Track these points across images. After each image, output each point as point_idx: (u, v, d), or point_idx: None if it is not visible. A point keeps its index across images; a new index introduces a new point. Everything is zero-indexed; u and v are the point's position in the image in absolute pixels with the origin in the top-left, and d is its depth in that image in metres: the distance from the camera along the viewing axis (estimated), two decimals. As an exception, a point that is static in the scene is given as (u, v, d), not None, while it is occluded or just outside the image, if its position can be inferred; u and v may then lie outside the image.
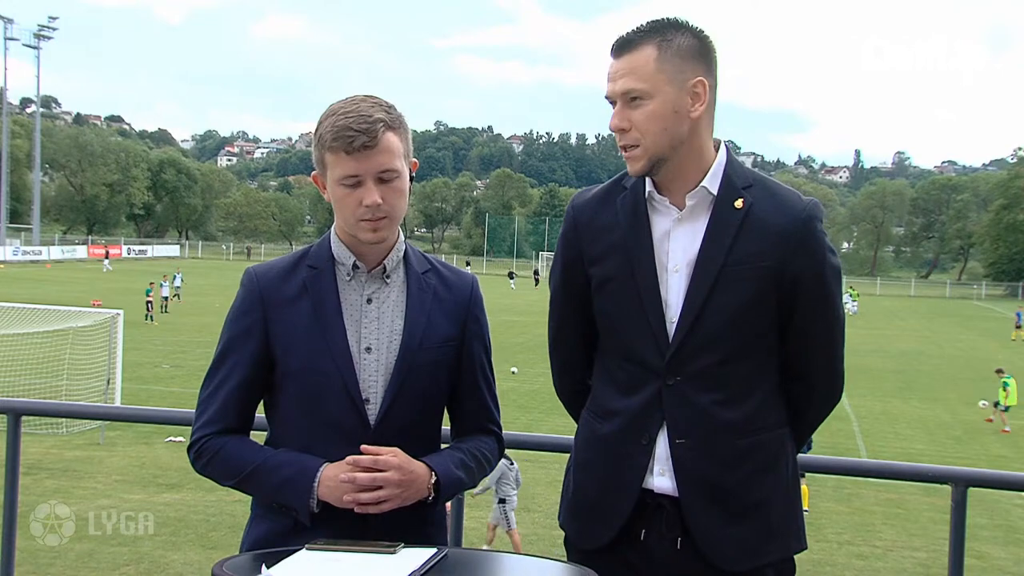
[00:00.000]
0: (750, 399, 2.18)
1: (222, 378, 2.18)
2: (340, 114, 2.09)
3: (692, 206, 2.17)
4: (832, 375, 2.29)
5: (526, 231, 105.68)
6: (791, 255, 2.14)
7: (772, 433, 2.22)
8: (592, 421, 2.31)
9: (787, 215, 2.16)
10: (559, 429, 18.29)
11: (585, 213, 2.28)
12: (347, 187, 2.09)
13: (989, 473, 3.91)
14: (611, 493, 2.22)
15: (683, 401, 2.16)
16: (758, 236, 2.14)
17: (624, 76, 2.11)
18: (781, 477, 2.23)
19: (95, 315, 19.01)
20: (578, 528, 2.31)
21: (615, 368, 2.25)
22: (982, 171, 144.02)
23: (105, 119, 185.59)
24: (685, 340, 2.15)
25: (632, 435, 2.20)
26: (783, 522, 2.23)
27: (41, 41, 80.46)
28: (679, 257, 2.17)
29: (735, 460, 2.17)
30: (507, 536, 11.38)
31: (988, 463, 16.84)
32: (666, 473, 2.18)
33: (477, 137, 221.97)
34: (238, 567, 1.88)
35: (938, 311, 58.64)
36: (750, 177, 2.20)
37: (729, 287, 2.13)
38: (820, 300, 2.20)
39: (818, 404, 2.32)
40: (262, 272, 2.22)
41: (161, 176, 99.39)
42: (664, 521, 2.18)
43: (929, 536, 12.33)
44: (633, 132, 2.12)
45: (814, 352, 2.25)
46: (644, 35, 2.11)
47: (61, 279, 50.12)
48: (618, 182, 2.28)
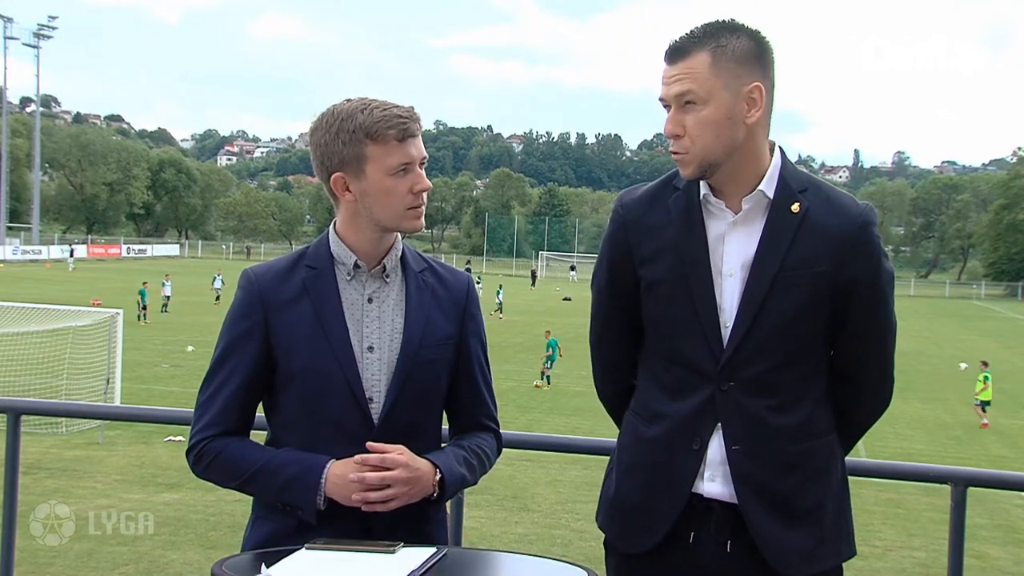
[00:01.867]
0: (802, 404, 2.16)
1: (222, 380, 2.17)
2: (376, 106, 2.11)
3: (748, 210, 2.15)
4: (883, 380, 2.28)
5: (526, 231, 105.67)
6: (847, 260, 2.12)
7: (823, 439, 2.20)
8: (637, 423, 2.27)
9: (843, 219, 2.13)
10: (559, 429, 18.30)
11: (635, 212, 2.24)
12: (397, 176, 2.11)
13: (989, 473, 3.91)
14: (657, 497, 2.19)
15: (737, 406, 2.13)
16: (814, 241, 2.12)
17: (678, 80, 2.07)
18: (832, 482, 2.22)
19: (95, 314, 18.99)
20: (620, 531, 2.27)
21: (661, 370, 2.22)
22: (982, 171, 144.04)
23: (105, 118, 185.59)
24: (740, 345, 2.12)
25: (681, 439, 2.17)
26: (835, 527, 2.22)
27: (41, 40, 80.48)
28: (734, 261, 2.14)
29: (789, 466, 2.15)
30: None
31: (988, 463, 16.84)
32: (717, 479, 2.15)
33: (477, 137, 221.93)
34: (238, 566, 1.88)
35: (938, 311, 58.63)
36: (805, 181, 2.18)
37: (785, 292, 2.11)
38: (875, 305, 2.18)
39: (867, 409, 2.30)
40: (260, 273, 2.21)
41: (161, 175, 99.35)
42: (714, 524, 2.16)
43: (929, 536, 12.31)
44: (685, 138, 2.09)
45: (866, 357, 2.23)
46: (697, 41, 2.07)
47: (60, 278, 50.10)
48: (668, 182, 2.24)
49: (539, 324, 38.77)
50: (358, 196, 2.14)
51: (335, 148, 2.12)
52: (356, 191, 2.14)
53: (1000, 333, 45.55)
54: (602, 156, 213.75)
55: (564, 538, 11.37)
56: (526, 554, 2.13)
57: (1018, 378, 29.57)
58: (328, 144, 2.13)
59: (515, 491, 13.29)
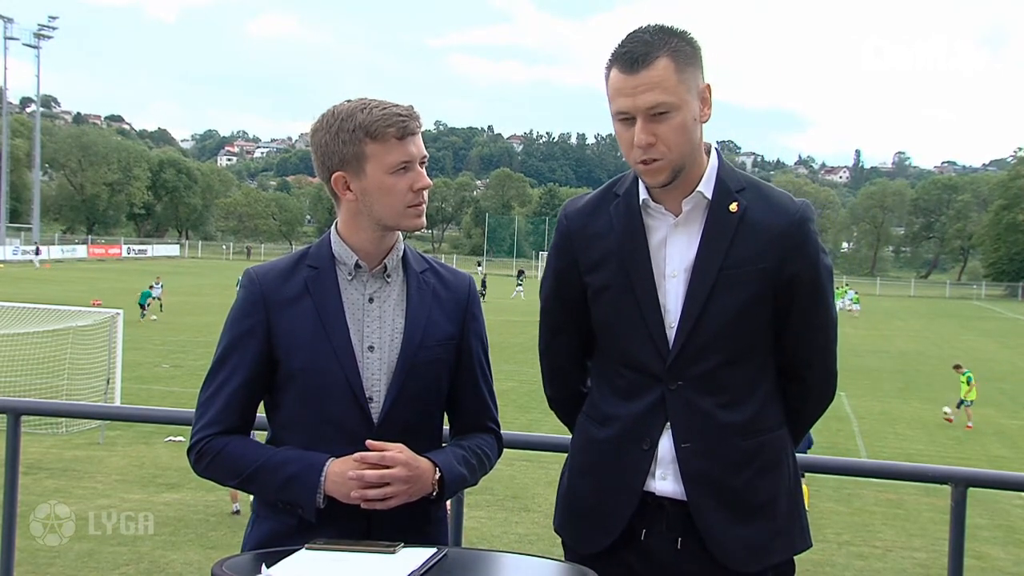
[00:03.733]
0: (751, 401, 2.19)
1: (223, 379, 2.18)
2: (375, 106, 2.12)
3: (688, 211, 2.18)
4: (827, 374, 2.32)
5: (526, 231, 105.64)
6: (787, 256, 2.16)
7: (774, 434, 2.23)
8: (589, 426, 2.31)
9: (781, 217, 2.17)
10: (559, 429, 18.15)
11: (578, 221, 2.28)
12: (398, 174, 2.12)
13: (989, 473, 3.91)
14: (610, 497, 2.23)
15: (686, 405, 2.16)
16: (754, 239, 2.15)
17: (648, 91, 2.05)
18: (784, 476, 2.25)
19: (95, 315, 18.99)
20: (575, 532, 2.31)
21: (614, 375, 2.26)
22: (982, 171, 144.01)
23: (105, 119, 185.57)
24: (685, 345, 2.15)
25: (632, 440, 2.20)
26: (788, 521, 2.24)
27: (41, 40, 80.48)
28: (676, 263, 2.18)
29: (740, 462, 2.18)
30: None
31: (988, 463, 16.84)
32: (668, 477, 2.18)
33: (477, 137, 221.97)
34: (238, 567, 1.88)
35: (938, 311, 58.62)
36: (742, 180, 2.21)
37: (727, 290, 2.14)
38: (815, 300, 2.22)
39: (814, 402, 2.34)
40: (262, 273, 2.22)
41: (161, 176, 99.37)
42: (664, 521, 2.19)
43: (929, 536, 12.32)
44: (660, 146, 2.09)
45: (810, 352, 2.27)
46: (655, 47, 2.07)
47: (60, 279, 50.11)
48: (610, 189, 2.28)
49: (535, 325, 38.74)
50: (359, 195, 2.15)
51: (335, 147, 2.13)
52: (357, 190, 2.15)
53: (1000, 333, 45.54)
54: (602, 156, 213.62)
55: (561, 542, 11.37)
56: (526, 554, 2.13)
57: (1018, 378, 29.56)
58: (328, 144, 2.14)
59: (515, 491, 13.29)
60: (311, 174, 6.64)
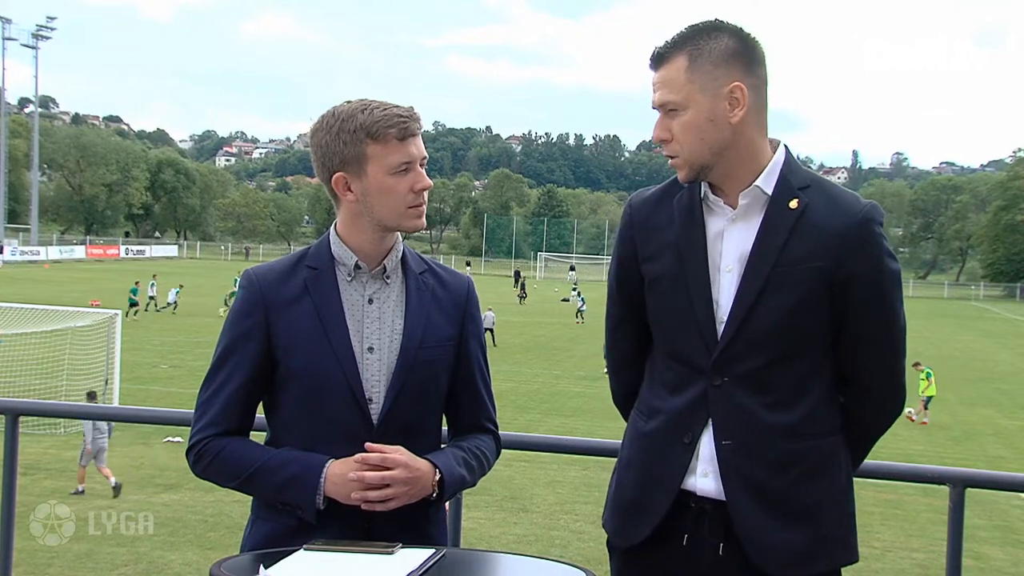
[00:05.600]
0: (801, 403, 2.14)
1: (223, 380, 2.18)
2: (376, 107, 2.13)
3: (746, 205, 2.15)
4: (889, 383, 2.23)
5: (525, 231, 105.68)
6: (845, 257, 2.11)
7: (825, 439, 2.17)
8: (637, 419, 2.29)
9: (843, 216, 2.13)
10: (557, 430, 18.29)
11: (641, 212, 2.28)
12: (398, 175, 2.12)
13: (987, 474, 3.91)
14: (649, 490, 2.20)
15: (730, 402, 2.13)
16: (811, 237, 2.11)
17: (659, 89, 2.12)
18: (833, 484, 2.18)
19: (93, 315, 19.00)
20: (617, 525, 2.28)
21: (663, 367, 2.24)
22: (980, 172, 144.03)
23: (104, 119, 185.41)
24: (733, 340, 2.12)
25: (674, 433, 2.18)
26: (833, 531, 2.18)
27: (39, 41, 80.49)
28: (731, 256, 2.15)
29: (783, 464, 2.13)
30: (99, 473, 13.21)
31: (986, 464, 16.85)
32: (710, 474, 2.15)
33: (476, 137, 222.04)
34: (236, 567, 1.88)
35: (936, 312, 58.64)
36: (808, 178, 2.18)
37: (780, 288, 2.10)
38: (875, 304, 2.16)
39: (874, 412, 2.26)
40: (262, 273, 2.22)
41: (159, 176, 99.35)
42: (707, 525, 2.15)
43: (927, 537, 12.33)
44: (673, 143, 2.12)
45: (868, 357, 2.20)
46: (675, 46, 2.10)
47: (59, 279, 50.08)
48: (676, 182, 2.25)
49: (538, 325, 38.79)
50: (359, 196, 2.15)
51: (336, 148, 2.14)
52: (357, 191, 2.15)
53: (999, 334, 45.58)
54: (600, 157, 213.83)
55: (563, 539, 11.38)
56: (525, 555, 2.14)
57: (1017, 379, 29.59)
58: (329, 144, 2.15)
59: (514, 492, 13.29)
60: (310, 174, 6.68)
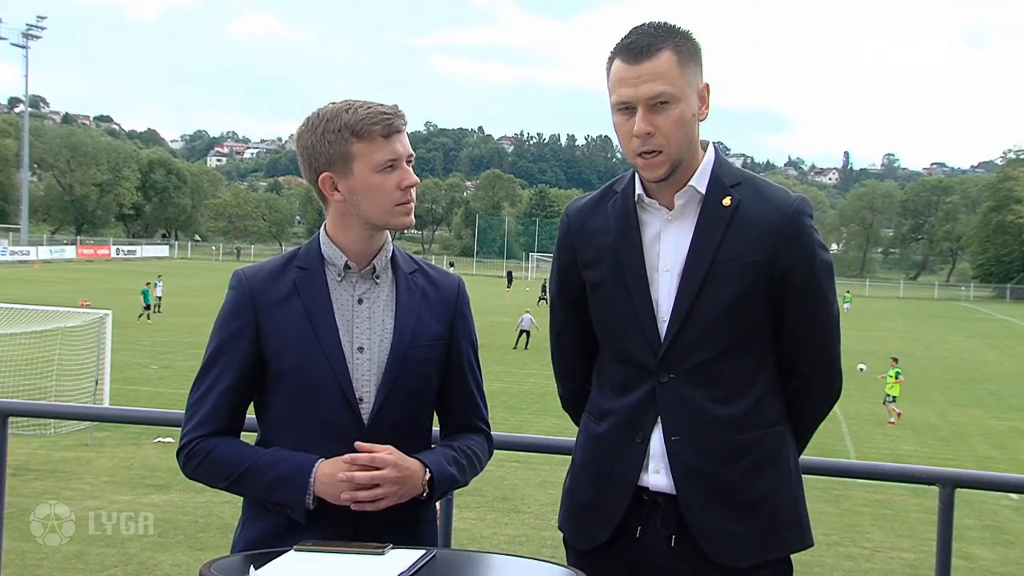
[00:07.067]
0: (747, 395, 2.19)
1: (213, 380, 2.18)
2: (360, 105, 2.14)
3: (681, 206, 2.19)
4: (827, 371, 2.29)
5: (516, 232, 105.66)
6: (780, 250, 2.15)
7: (772, 429, 2.22)
8: (588, 422, 2.33)
9: (775, 211, 2.17)
10: (548, 430, 18.30)
11: (578, 219, 2.32)
12: (385, 172, 2.13)
13: (976, 474, 3.93)
14: (606, 492, 2.24)
15: (677, 398, 2.17)
16: (746, 232, 2.15)
17: (650, 81, 2.08)
18: (782, 473, 2.23)
19: (83, 315, 18.91)
20: (575, 529, 2.32)
21: (610, 370, 2.28)
22: (971, 173, 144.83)
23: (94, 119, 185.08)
24: (676, 338, 2.16)
25: (625, 434, 2.21)
26: (785, 519, 2.23)
27: (29, 40, 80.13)
28: (670, 257, 2.19)
29: (733, 456, 2.17)
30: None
31: (975, 464, 16.90)
32: (661, 470, 2.19)
33: (468, 138, 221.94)
34: (227, 568, 1.88)
35: (927, 312, 58.82)
36: (738, 176, 2.22)
37: (718, 284, 2.14)
38: (811, 294, 2.21)
39: (815, 400, 2.31)
40: (251, 274, 2.22)
41: (150, 176, 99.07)
42: (659, 518, 2.19)
43: (917, 537, 12.35)
44: (658, 137, 2.11)
45: (808, 347, 2.25)
46: (660, 39, 2.10)
47: (49, 279, 49.90)
48: (610, 188, 2.30)
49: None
50: (347, 195, 2.15)
51: (322, 148, 2.14)
52: (344, 190, 2.15)
53: (988, 334, 45.73)
54: (592, 158, 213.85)
55: (554, 539, 11.35)
56: (516, 555, 2.14)
57: (1005, 379, 29.68)
58: (315, 145, 2.15)
59: (505, 492, 13.28)
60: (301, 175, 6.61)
